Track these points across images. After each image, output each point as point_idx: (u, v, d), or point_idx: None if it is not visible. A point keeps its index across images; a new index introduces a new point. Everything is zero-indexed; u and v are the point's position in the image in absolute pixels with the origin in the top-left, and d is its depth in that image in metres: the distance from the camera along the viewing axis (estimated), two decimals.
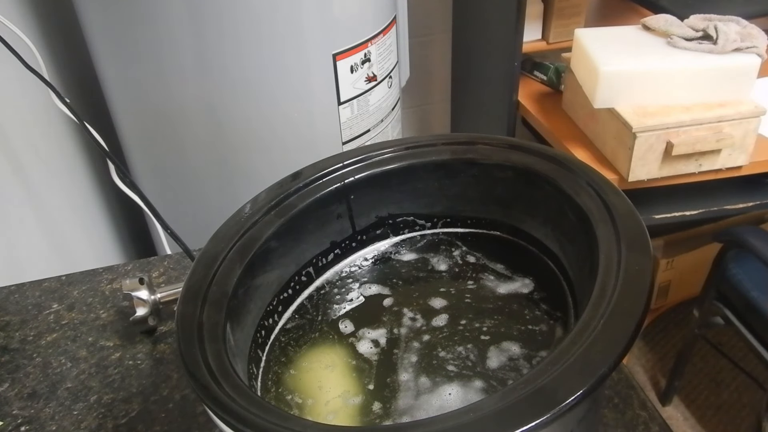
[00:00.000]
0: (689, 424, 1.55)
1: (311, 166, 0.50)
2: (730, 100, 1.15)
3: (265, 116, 1.01)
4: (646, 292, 0.35)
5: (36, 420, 0.57)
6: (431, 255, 0.52)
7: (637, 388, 0.56)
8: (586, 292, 0.37)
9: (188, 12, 0.91)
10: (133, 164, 1.12)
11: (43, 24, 1.10)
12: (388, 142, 0.52)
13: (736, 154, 1.17)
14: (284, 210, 0.47)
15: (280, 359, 0.45)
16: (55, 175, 1.08)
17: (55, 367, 0.63)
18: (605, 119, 1.20)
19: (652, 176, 1.17)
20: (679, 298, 1.73)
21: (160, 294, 0.64)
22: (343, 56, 1.01)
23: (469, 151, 0.50)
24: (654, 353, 1.72)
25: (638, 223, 0.40)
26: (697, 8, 1.25)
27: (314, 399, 0.42)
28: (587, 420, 0.37)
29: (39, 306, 0.70)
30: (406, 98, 1.86)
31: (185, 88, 0.98)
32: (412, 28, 1.34)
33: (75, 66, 1.17)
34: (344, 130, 1.07)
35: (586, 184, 0.44)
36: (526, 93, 1.50)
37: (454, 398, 0.41)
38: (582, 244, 0.42)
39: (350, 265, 0.52)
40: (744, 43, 1.14)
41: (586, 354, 0.32)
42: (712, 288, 1.34)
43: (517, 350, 0.43)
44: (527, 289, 0.48)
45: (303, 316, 0.49)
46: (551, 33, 1.50)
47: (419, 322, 0.47)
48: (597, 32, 1.25)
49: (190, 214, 1.07)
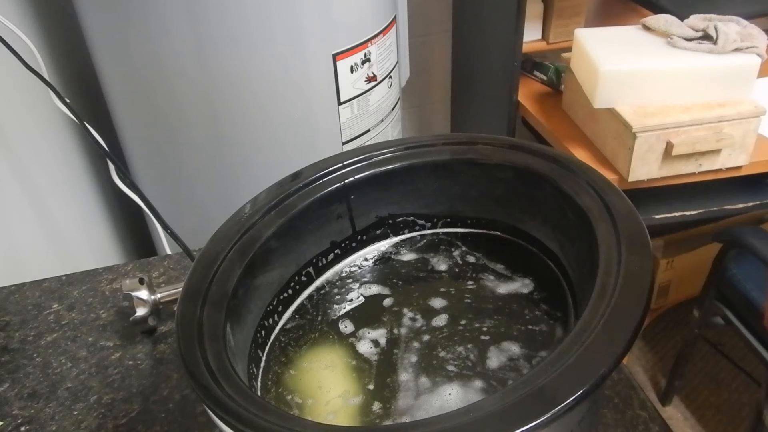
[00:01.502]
0: (689, 424, 1.55)
1: (311, 166, 0.50)
2: (730, 100, 1.15)
3: (265, 116, 1.01)
4: (646, 292, 0.35)
5: (36, 420, 0.57)
6: (431, 255, 0.52)
7: (637, 388, 0.56)
8: (586, 292, 0.37)
9: (188, 12, 0.91)
10: (133, 164, 1.12)
11: (43, 24, 1.10)
12: (388, 142, 0.52)
13: (736, 154, 1.17)
14: (284, 210, 0.47)
15: (280, 359, 0.45)
16: (55, 175, 1.08)
17: (55, 367, 0.63)
18: (605, 119, 1.20)
19: (652, 176, 1.17)
20: (679, 298, 1.73)
21: (160, 294, 0.64)
22: (343, 56, 1.01)
23: (469, 151, 0.50)
24: (654, 353, 1.72)
25: (638, 223, 0.40)
26: (697, 8, 1.25)
27: (314, 399, 0.42)
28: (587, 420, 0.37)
29: (39, 306, 0.70)
30: (406, 98, 1.86)
31: (185, 88, 0.98)
32: (412, 28, 1.34)
33: (75, 66, 1.17)
34: (344, 130, 1.07)
35: (586, 184, 0.44)
36: (526, 93, 1.50)
37: (454, 398, 0.41)
38: (582, 244, 0.42)
39: (350, 265, 0.52)
40: (744, 43, 1.14)
41: (586, 354, 0.32)
42: (712, 288, 1.34)
43: (517, 350, 0.43)
44: (527, 289, 0.48)
45: (303, 316, 0.49)
46: (551, 33, 1.50)
47: (419, 322, 0.47)
48: (597, 32, 1.25)
49: (190, 214, 1.07)
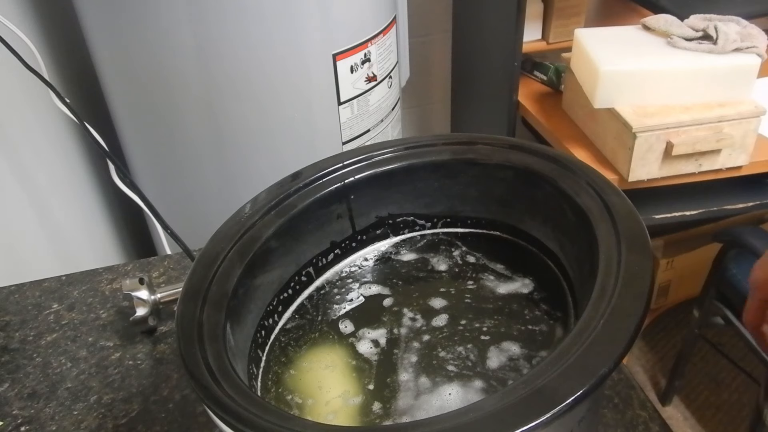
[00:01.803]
0: (689, 424, 1.55)
1: (311, 166, 0.50)
2: (730, 100, 1.15)
3: (265, 116, 1.01)
4: (646, 292, 0.35)
5: (36, 420, 0.57)
6: (431, 255, 0.52)
7: (637, 388, 0.56)
8: (586, 292, 0.37)
9: (188, 12, 0.91)
10: (133, 164, 1.12)
11: (43, 24, 1.10)
12: (388, 142, 0.52)
13: (736, 154, 1.17)
14: (284, 210, 0.47)
15: (280, 359, 0.45)
16: (55, 175, 1.08)
17: (55, 367, 0.63)
18: (605, 119, 1.20)
19: (652, 176, 1.17)
20: (679, 298, 1.73)
21: (160, 294, 0.64)
22: (343, 56, 1.01)
23: (469, 151, 0.50)
24: (654, 353, 1.72)
25: (638, 223, 0.40)
26: (697, 8, 1.25)
27: (314, 399, 0.42)
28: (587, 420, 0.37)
29: (39, 306, 0.70)
30: (406, 98, 1.86)
31: (185, 88, 0.98)
32: (412, 28, 1.34)
33: (75, 66, 1.17)
34: (344, 130, 1.07)
35: (586, 184, 0.44)
36: (526, 93, 1.50)
37: (454, 398, 0.41)
38: (582, 244, 0.42)
39: (350, 265, 0.52)
40: (744, 43, 1.14)
41: (586, 354, 0.32)
42: (712, 288, 1.34)
43: (517, 350, 0.43)
44: (527, 289, 0.48)
45: (303, 316, 0.49)
46: (551, 33, 1.50)
47: (419, 322, 0.47)
48: (597, 32, 1.25)
49: (190, 214, 1.07)
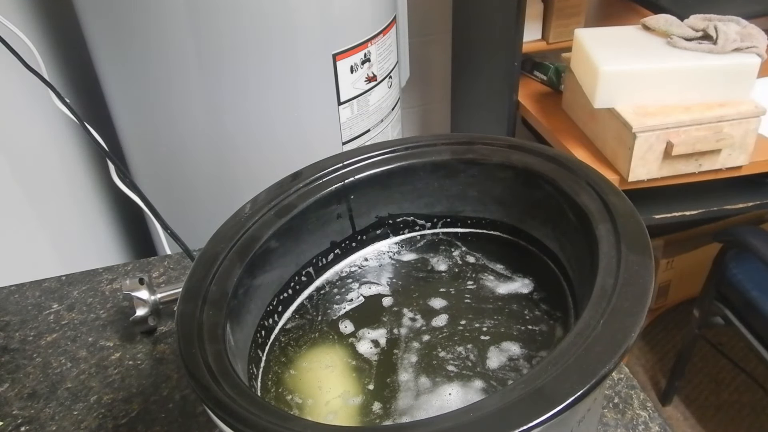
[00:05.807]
0: (689, 424, 1.55)
1: (311, 166, 0.50)
2: (730, 100, 1.15)
3: (265, 116, 1.01)
4: (646, 292, 0.35)
5: (36, 420, 0.57)
6: (431, 255, 0.52)
7: (637, 388, 0.56)
8: (586, 292, 0.37)
9: (188, 11, 0.91)
10: (133, 164, 1.12)
11: (43, 24, 1.10)
12: (388, 142, 0.52)
13: (736, 154, 1.17)
14: (284, 210, 0.47)
15: (280, 359, 0.45)
16: (55, 175, 1.08)
17: (55, 367, 0.63)
18: (605, 119, 1.20)
19: (652, 176, 1.17)
20: (679, 298, 1.73)
21: (160, 294, 0.64)
22: (343, 56, 1.01)
23: (469, 151, 0.50)
24: (654, 353, 1.72)
25: (638, 223, 0.40)
26: (697, 8, 1.25)
27: (314, 399, 0.42)
28: (587, 420, 0.37)
29: (39, 306, 0.70)
30: (406, 98, 1.86)
31: (185, 87, 0.98)
32: (412, 28, 1.34)
33: (75, 66, 1.17)
34: (344, 130, 1.07)
35: (586, 184, 0.44)
36: (526, 93, 1.50)
37: (454, 398, 0.41)
38: (582, 244, 0.42)
39: (350, 265, 0.52)
40: (744, 43, 1.14)
41: (586, 354, 0.32)
42: (712, 288, 1.34)
43: (517, 350, 0.43)
44: (527, 289, 0.48)
45: (303, 316, 0.49)
46: (551, 33, 1.50)
47: (419, 323, 0.47)
48: (597, 32, 1.25)
49: (190, 214, 1.07)
